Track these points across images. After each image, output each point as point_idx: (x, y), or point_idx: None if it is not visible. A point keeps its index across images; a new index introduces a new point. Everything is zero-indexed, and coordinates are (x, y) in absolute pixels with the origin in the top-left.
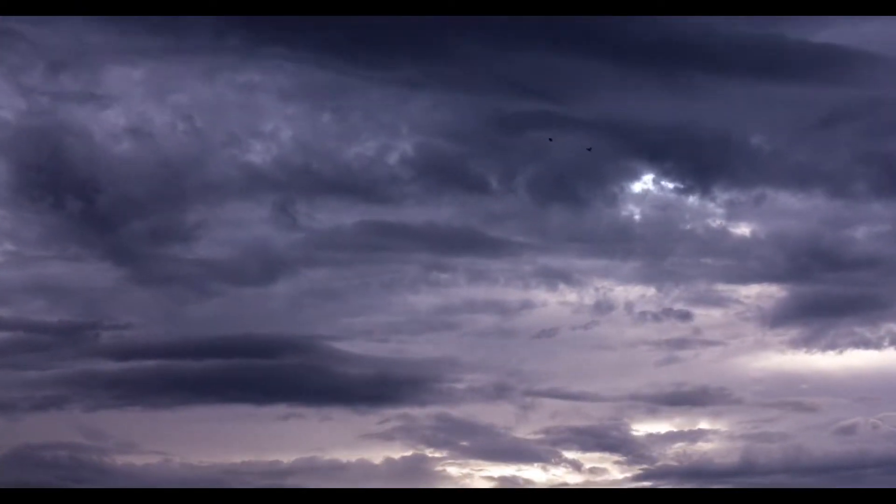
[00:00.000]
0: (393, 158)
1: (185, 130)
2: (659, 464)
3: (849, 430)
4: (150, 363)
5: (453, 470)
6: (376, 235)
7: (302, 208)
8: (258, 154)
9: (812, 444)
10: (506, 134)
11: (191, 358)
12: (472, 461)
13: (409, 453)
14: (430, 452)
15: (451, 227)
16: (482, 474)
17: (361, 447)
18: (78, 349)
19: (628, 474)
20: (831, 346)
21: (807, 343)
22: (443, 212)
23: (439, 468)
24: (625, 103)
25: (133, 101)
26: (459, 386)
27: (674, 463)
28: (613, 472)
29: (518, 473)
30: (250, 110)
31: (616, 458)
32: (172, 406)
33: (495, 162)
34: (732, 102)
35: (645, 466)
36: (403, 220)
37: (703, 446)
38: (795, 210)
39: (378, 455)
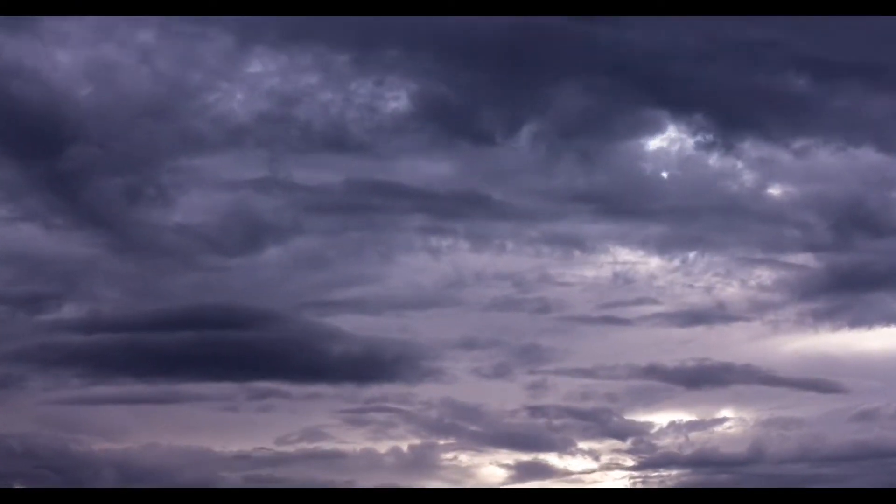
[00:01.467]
0: (387, 109)
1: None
2: (667, 451)
3: (870, 416)
4: (120, 336)
5: (464, 458)
6: (369, 195)
7: (287, 165)
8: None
9: (830, 430)
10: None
11: (162, 331)
12: (481, 448)
13: (414, 441)
14: (435, 439)
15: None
16: (496, 462)
17: (357, 433)
18: (37, 322)
19: (633, 462)
20: (863, 321)
21: (842, 319)
22: (441, 168)
23: (448, 455)
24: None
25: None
26: (462, 365)
27: (683, 451)
28: (625, 461)
29: (536, 459)
30: (230, 54)
31: (626, 444)
32: (144, 384)
33: (500, 113)
34: (764, 46)
35: (650, 454)
36: (398, 179)
37: (718, 431)
38: (837, 169)
39: (379, 443)
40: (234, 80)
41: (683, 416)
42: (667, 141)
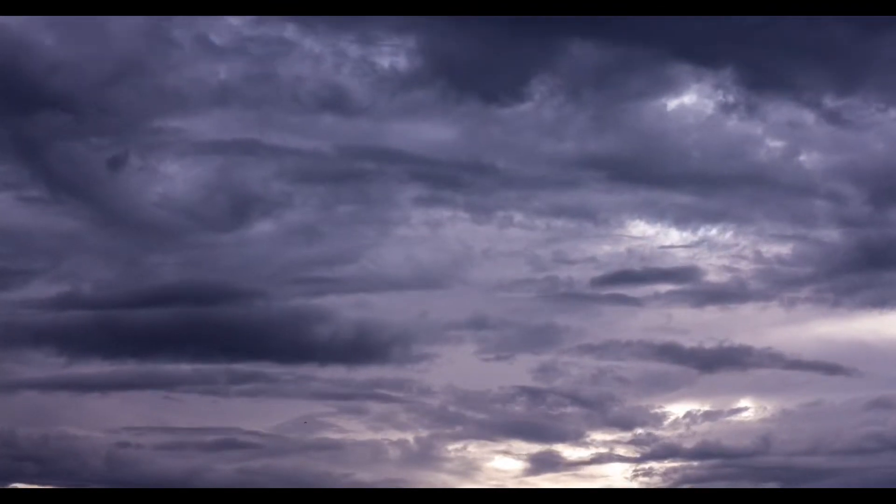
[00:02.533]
0: (383, 66)
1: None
2: (681, 442)
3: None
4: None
5: (473, 450)
6: (362, 162)
7: (274, 130)
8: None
9: (842, 419)
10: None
11: (139, 308)
12: (490, 438)
13: (417, 430)
14: (439, 429)
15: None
16: (508, 453)
17: (355, 422)
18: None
19: (645, 454)
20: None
21: (870, 300)
22: (441, 133)
23: (456, 446)
24: None
25: None
26: (464, 348)
27: (697, 442)
28: (637, 452)
29: (548, 450)
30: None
31: (638, 435)
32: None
33: (504, 71)
34: None
35: (663, 446)
36: (393, 145)
37: (733, 421)
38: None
39: (379, 433)
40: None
41: (699, 406)
42: (688, 101)
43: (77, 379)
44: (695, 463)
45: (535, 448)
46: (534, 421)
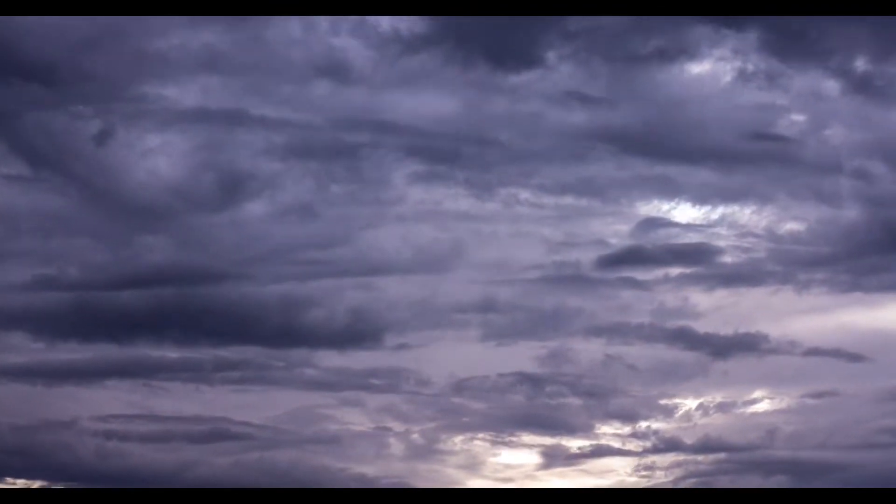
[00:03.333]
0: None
1: None
2: (695, 434)
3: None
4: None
5: (479, 444)
6: (357, 135)
7: (263, 99)
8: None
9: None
10: None
11: (119, 290)
12: (499, 430)
13: (420, 421)
14: (438, 420)
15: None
16: (509, 444)
17: (353, 413)
18: None
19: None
20: None
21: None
22: (441, 103)
23: (457, 438)
24: None
25: None
26: (464, 334)
27: (710, 435)
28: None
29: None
30: None
31: (649, 427)
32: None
33: (508, 35)
34: None
35: (676, 438)
36: (391, 116)
37: (747, 413)
38: None
39: (380, 425)
40: None
41: (711, 397)
42: (706, 68)
43: (54, 365)
44: (699, 457)
45: (541, 440)
46: (538, 412)
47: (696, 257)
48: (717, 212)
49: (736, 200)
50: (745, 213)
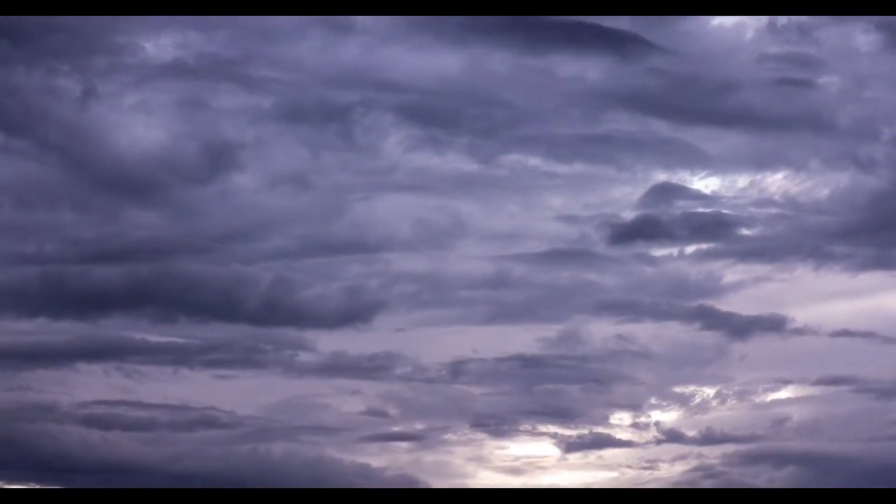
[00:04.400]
0: None
1: None
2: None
3: None
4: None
5: (484, 436)
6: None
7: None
8: None
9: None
10: None
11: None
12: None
13: (424, 411)
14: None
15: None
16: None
17: (350, 402)
18: None
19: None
20: None
21: None
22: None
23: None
24: None
25: None
26: (468, 314)
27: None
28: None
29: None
30: None
31: (663, 416)
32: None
33: None
34: None
35: (693, 429)
36: (387, 76)
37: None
38: None
39: (380, 417)
40: None
41: (729, 383)
42: (732, 22)
43: (23, 346)
44: (703, 449)
45: (548, 429)
46: (544, 399)
47: (718, 230)
48: (742, 180)
49: (762, 168)
50: (773, 182)
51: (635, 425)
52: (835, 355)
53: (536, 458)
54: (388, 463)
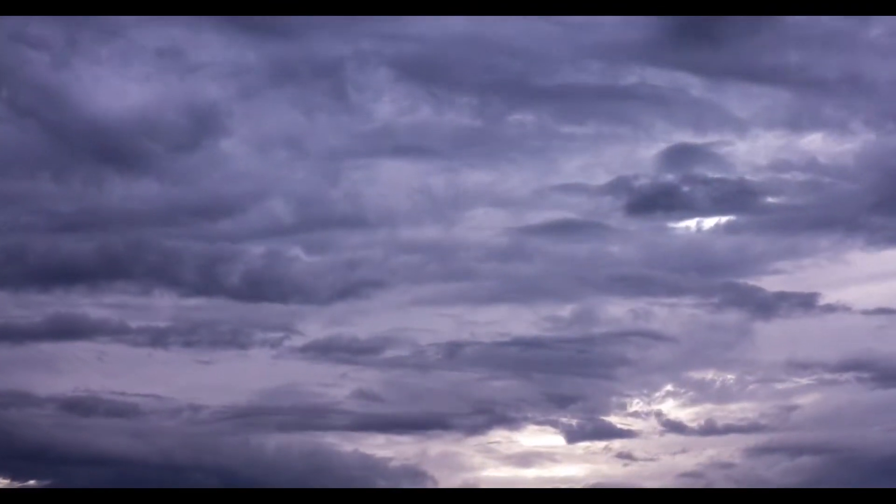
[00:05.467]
0: None
1: None
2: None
3: None
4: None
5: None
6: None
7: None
8: None
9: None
10: None
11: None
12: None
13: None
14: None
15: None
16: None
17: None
18: None
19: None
20: None
21: None
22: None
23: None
24: None
25: None
26: (470, 291)
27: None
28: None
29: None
30: None
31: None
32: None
33: None
34: None
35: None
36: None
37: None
38: None
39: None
40: None
41: (754, 367)
42: None
43: None
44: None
45: (558, 419)
46: (552, 386)
47: (745, 199)
48: (775, 144)
49: (796, 130)
50: (809, 145)
51: (648, 414)
52: (868, 336)
53: (543, 448)
54: (391, 454)
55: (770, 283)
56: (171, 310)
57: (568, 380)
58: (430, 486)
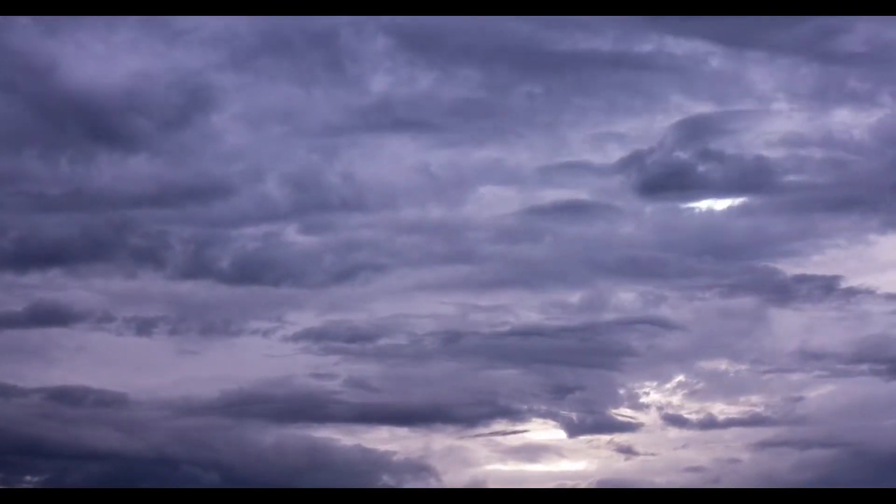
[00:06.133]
0: None
1: None
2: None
3: None
4: None
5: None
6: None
7: None
8: None
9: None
10: None
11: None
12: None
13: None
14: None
15: None
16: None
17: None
18: None
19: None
20: None
21: None
22: None
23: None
24: None
25: None
26: (474, 275)
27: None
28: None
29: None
30: None
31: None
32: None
33: None
34: None
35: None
36: None
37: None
38: None
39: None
40: None
41: (769, 356)
42: None
43: None
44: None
45: (561, 413)
46: (557, 377)
47: (762, 176)
48: (798, 115)
49: (820, 100)
50: (834, 116)
51: (654, 406)
52: (888, 322)
53: (548, 442)
54: (394, 447)
55: (789, 267)
56: (160, 295)
57: (573, 370)
58: (433, 481)
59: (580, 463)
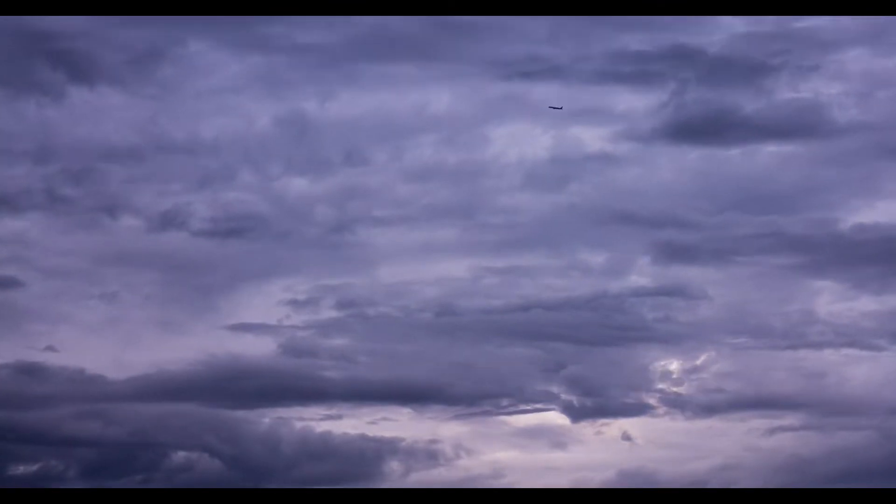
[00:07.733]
0: None
1: None
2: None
3: None
4: None
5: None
6: None
7: None
8: None
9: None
10: None
11: None
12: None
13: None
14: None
15: None
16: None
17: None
18: None
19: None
20: None
21: None
22: None
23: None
24: None
25: None
26: (475, 239)
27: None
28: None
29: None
30: None
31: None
32: None
33: None
34: None
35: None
36: None
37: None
38: None
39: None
40: None
41: (806, 330)
42: None
43: None
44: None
45: (570, 398)
46: (566, 357)
47: (808, 122)
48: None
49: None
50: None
51: (676, 392)
52: None
53: (547, 428)
54: (390, 433)
55: (846, 218)
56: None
57: (596, 347)
58: (441, 466)
59: (582, 451)
